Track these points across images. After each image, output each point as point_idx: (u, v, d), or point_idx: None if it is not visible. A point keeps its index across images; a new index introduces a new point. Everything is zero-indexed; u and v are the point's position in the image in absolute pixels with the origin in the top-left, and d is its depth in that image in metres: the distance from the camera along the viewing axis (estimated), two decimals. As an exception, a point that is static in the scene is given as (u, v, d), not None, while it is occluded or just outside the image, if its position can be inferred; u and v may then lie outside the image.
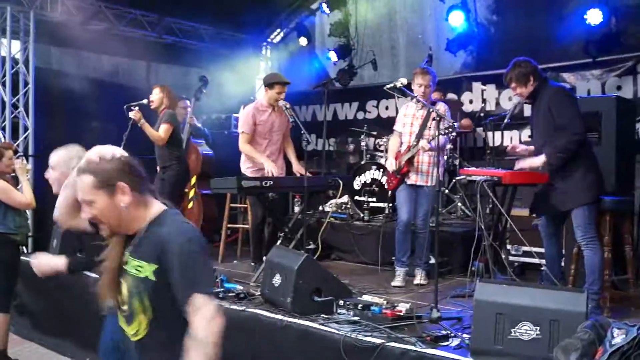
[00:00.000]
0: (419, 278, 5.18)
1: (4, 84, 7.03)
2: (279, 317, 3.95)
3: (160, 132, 5.85)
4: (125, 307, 2.16)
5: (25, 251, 6.73)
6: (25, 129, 7.16)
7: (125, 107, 6.09)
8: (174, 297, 2.03)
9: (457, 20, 7.91)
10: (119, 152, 2.21)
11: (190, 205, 7.11)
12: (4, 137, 6.99)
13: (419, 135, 5.09)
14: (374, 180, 6.76)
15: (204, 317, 1.98)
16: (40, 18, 7.21)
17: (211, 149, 7.74)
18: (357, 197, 6.76)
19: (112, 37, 7.87)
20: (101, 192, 2.09)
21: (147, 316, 2.11)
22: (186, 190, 7.06)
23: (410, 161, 5.13)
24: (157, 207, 2.17)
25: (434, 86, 5.21)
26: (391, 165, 5.24)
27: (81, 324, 5.39)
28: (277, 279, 4.18)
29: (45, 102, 7.37)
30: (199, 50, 9.02)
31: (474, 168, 4.96)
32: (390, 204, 6.38)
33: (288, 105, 5.41)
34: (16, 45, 7.16)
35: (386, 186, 5.73)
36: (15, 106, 7.10)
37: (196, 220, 7.21)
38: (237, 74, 9.57)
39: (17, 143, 7.02)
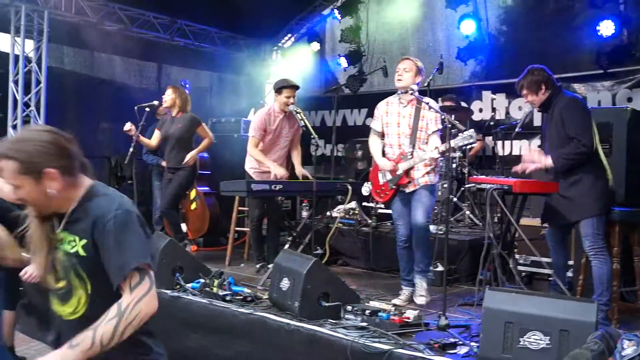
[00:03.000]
0: (421, 292, 4.63)
1: (16, 83, 7.08)
2: (286, 321, 3.94)
3: (207, 134, 6.22)
4: (61, 285, 2.09)
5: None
6: (37, 127, 7.21)
7: (136, 108, 6.15)
8: (103, 269, 2.00)
9: (469, 29, 7.93)
10: (46, 131, 2.06)
11: (193, 206, 7.14)
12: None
13: (413, 140, 4.59)
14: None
15: (137, 296, 1.94)
16: (54, 17, 7.26)
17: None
18: (365, 203, 6.76)
19: (124, 38, 7.94)
20: (27, 177, 1.98)
21: (86, 291, 2.05)
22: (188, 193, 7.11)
23: (407, 171, 4.60)
24: (85, 183, 2.09)
25: (420, 75, 4.69)
26: (391, 172, 4.64)
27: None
28: (285, 283, 4.19)
29: (57, 102, 7.43)
30: (210, 53, 9.08)
31: (483, 176, 4.96)
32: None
33: (299, 110, 5.42)
34: (29, 44, 7.20)
35: (378, 198, 4.96)
36: (27, 105, 7.15)
37: (204, 220, 7.25)
38: (247, 78, 9.63)
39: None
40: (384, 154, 4.79)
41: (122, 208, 2.02)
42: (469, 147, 5.94)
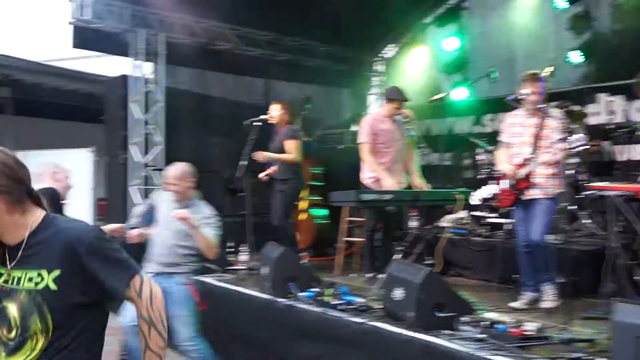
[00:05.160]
0: (547, 298, 4.60)
1: (139, 103, 7.58)
2: (400, 331, 3.93)
3: (292, 152, 6.10)
4: (12, 334, 1.85)
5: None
6: (157, 144, 7.67)
7: (245, 122, 6.37)
8: (75, 305, 1.86)
9: (580, 29, 7.60)
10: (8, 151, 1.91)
11: (304, 216, 7.28)
12: (140, 151, 7.55)
13: (535, 148, 4.67)
14: (491, 195, 6.57)
15: (147, 296, 1.94)
16: (169, 40, 7.72)
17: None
18: (475, 212, 6.61)
19: (233, 57, 8.29)
20: None
21: (47, 332, 1.84)
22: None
23: (527, 176, 4.69)
24: (37, 213, 1.92)
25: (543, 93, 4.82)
26: (511, 176, 4.74)
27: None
28: (398, 293, 4.17)
29: (173, 119, 7.87)
30: (314, 66, 9.25)
31: (605, 183, 4.71)
32: (511, 220, 6.16)
33: (408, 118, 5.43)
34: (148, 66, 7.70)
35: (499, 203, 5.18)
36: (146, 123, 7.63)
37: (310, 232, 7.39)
38: (350, 90, 9.72)
39: (149, 157, 7.56)
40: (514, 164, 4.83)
41: (96, 229, 1.97)
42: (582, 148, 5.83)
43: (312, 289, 4.81)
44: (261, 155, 6.10)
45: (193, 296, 4.36)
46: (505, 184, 4.81)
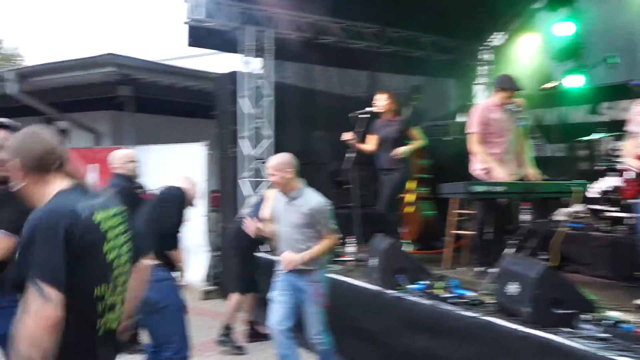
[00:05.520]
0: None
1: (248, 98, 7.83)
2: (515, 326, 3.81)
3: (419, 138, 6.36)
4: None
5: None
6: (266, 137, 7.89)
7: (351, 115, 6.42)
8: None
9: None
10: (33, 127, 2.16)
11: (411, 209, 7.23)
12: (250, 145, 7.81)
13: None
14: (612, 187, 6.22)
15: (28, 311, 1.87)
16: (277, 36, 7.90)
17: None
18: (593, 206, 6.28)
19: (338, 50, 8.36)
20: (12, 165, 2.10)
21: None
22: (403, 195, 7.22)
23: None
24: (56, 186, 2.09)
25: None
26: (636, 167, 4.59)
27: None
28: (512, 287, 4.05)
29: (280, 113, 8.06)
30: (418, 58, 9.15)
31: None
32: (634, 214, 5.80)
33: (520, 108, 5.24)
34: (257, 62, 7.92)
35: (623, 195, 5.07)
36: (256, 117, 7.87)
37: (417, 225, 7.33)
38: (456, 80, 9.51)
39: (258, 150, 7.79)
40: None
41: (43, 219, 1.96)
42: None
43: (421, 282, 4.78)
44: (399, 152, 6.17)
45: (319, 294, 4.46)
46: (630, 174, 4.60)
